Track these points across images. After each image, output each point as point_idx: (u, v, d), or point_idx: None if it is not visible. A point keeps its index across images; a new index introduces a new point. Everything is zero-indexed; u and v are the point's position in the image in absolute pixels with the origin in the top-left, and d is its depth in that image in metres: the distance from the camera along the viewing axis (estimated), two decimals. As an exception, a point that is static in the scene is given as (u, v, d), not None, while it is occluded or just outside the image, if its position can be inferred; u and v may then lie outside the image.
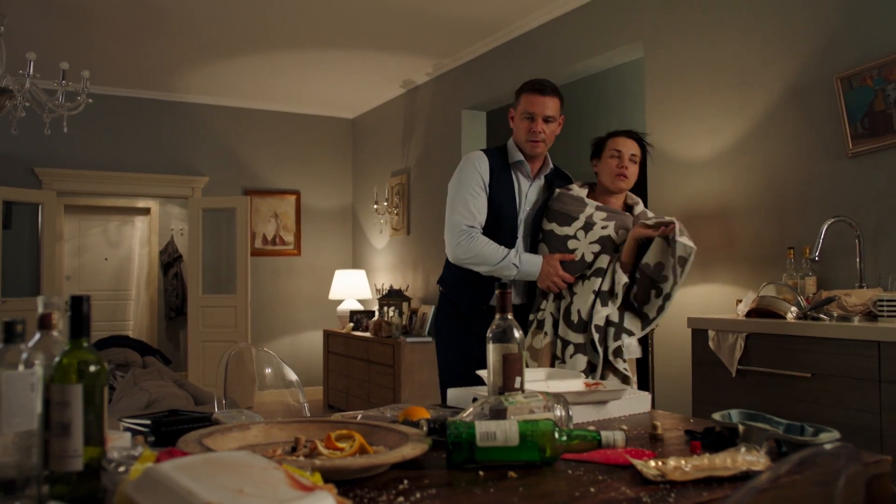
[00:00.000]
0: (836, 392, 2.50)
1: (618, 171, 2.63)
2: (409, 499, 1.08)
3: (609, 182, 2.66)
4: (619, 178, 2.63)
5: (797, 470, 0.94)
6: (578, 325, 2.56)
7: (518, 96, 2.72)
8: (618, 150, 2.64)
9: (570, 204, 2.62)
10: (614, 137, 2.69)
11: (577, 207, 2.61)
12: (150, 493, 0.88)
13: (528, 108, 2.65)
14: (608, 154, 2.66)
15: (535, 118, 2.64)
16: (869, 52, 2.99)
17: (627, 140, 2.67)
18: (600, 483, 1.17)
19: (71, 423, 1.05)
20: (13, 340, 1.07)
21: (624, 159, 2.63)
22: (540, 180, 2.79)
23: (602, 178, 2.70)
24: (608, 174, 2.66)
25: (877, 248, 2.97)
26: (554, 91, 2.69)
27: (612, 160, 2.64)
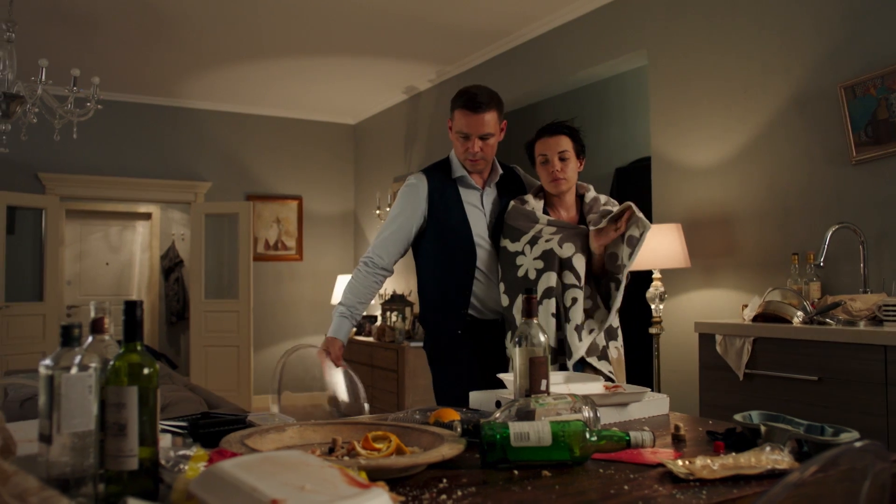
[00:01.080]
0: (842, 395, 2.55)
1: (551, 176, 2.42)
2: (452, 496, 1.12)
3: (548, 188, 2.47)
4: (556, 183, 2.42)
5: (828, 467, 0.98)
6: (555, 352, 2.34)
7: (452, 110, 2.48)
8: (544, 153, 2.42)
9: (520, 219, 2.44)
10: (539, 140, 2.46)
11: (527, 223, 2.42)
12: (215, 491, 0.92)
13: (463, 129, 2.43)
14: (538, 159, 2.45)
15: (471, 137, 2.43)
16: (872, 62, 3.05)
17: (552, 139, 2.42)
18: (632, 481, 1.21)
19: (127, 424, 1.08)
20: (70, 344, 1.11)
21: (553, 161, 2.40)
22: (491, 188, 2.59)
23: (542, 184, 2.50)
24: (544, 181, 2.46)
25: (880, 253, 3.03)
26: (489, 104, 2.42)
27: (543, 167, 2.43)
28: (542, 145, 2.43)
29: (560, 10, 4.75)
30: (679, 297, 3.90)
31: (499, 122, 2.47)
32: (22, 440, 1.20)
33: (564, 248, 2.35)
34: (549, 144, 2.41)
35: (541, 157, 2.43)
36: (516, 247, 2.41)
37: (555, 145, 2.41)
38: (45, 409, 1.07)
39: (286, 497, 0.87)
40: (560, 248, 2.35)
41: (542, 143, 2.43)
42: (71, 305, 8.03)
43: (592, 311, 2.38)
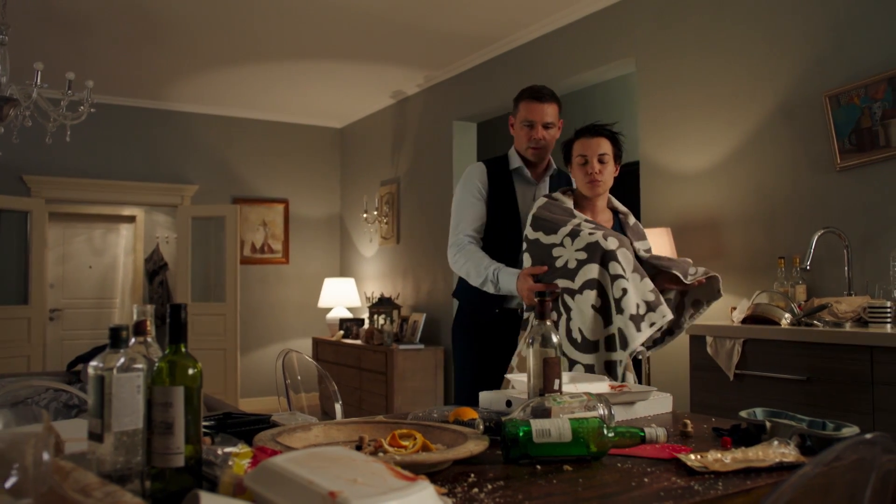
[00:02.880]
0: (830, 394, 2.65)
1: (588, 178, 2.43)
2: (483, 490, 1.18)
3: (584, 189, 2.48)
4: (593, 185, 2.45)
5: (839, 458, 1.06)
6: (584, 346, 2.29)
7: (516, 104, 2.73)
8: (583, 154, 2.43)
9: (557, 213, 2.45)
10: (579, 140, 2.48)
11: (564, 217, 2.43)
12: (270, 484, 0.97)
13: (528, 116, 2.67)
14: (576, 160, 2.46)
15: (535, 125, 2.66)
16: (856, 72, 3.16)
17: (592, 140, 2.45)
18: (650, 474, 1.28)
19: (174, 423, 1.13)
20: (118, 346, 1.15)
21: (592, 163, 2.42)
22: (545, 182, 2.80)
23: (577, 184, 2.52)
24: (580, 181, 2.48)
25: (864, 257, 3.13)
26: (552, 97, 2.69)
27: (581, 167, 2.44)
28: (581, 146, 2.45)
29: (549, 17, 4.83)
30: (668, 299, 3.99)
31: (558, 117, 2.71)
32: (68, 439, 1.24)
33: (609, 241, 2.30)
34: (589, 145, 2.43)
35: (580, 157, 2.44)
36: (552, 239, 2.38)
37: (596, 147, 2.43)
38: (95, 409, 1.12)
39: (342, 489, 0.92)
40: (605, 240, 2.29)
41: (582, 144, 2.45)
42: (54, 309, 7.97)
43: (654, 305, 2.28)
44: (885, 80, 3.03)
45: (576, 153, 2.46)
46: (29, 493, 0.92)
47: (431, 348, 5.90)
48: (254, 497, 0.98)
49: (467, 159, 5.99)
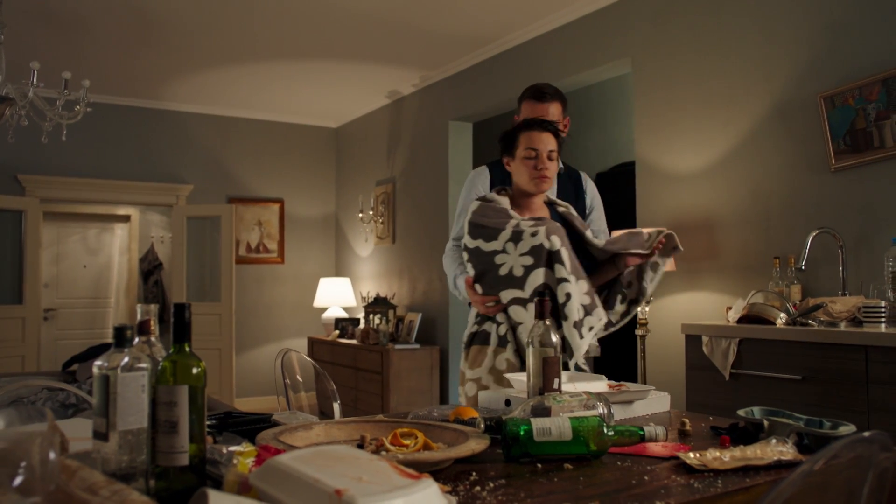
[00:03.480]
0: (825, 393, 2.67)
1: (538, 174, 2.29)
2: (485, 488, 1.19)
3: (529, 186, 2.33)
4: (542, 181, 2.31)
5: (838, 456, 1.07)
6: None
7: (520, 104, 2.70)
8: (533, 148, 2.29)
9: (493, 216, 2.31)
10: (528, 132, 2.32)
11: (501, 220, 2.29)
12: (276, 483, 0.98)
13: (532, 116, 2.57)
14: (523, 153, 2.30)
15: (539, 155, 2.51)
16: (851, 73, 3.18)
17: (543, 135, 2.31)
18: (650, 472, 1.29)
19: (178, 422, 1.13)
20: (123, 345, 1.16)
21: (542, 159, 2.29)
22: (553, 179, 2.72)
23: (519, 180, 2.35)
24: (525, 177, 2.32)
25: (858, 257, 3.16)
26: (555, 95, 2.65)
27: (529, 161, 2.29)
28: (531, 139, 2.30)
29: (545, 18, 4.84)
30: (664, 299, 4.01)
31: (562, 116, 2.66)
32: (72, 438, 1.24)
33: (553, 239, 2.20)
34: (540, 139, 2.29)
35: (529, 150, 2.29)
36: (493, 245, 2.26)
37: (547, 142, 2.29)
38: (100, 408, 1.12)
39: (347, 487, 0.93)
40: (549, 240, 2.19)
41: (533, 137, 2.30)
42: (48, 308, 7.95)
43: (591, 308, 2.24)
44: (879, 81, 3.05)
45: (523, 146, 2.30)
46: (36, 492, 0.92)
47: (427, 348, 5.91)
48: (259, 495, 0.99)
49: (463, 160, 6.01)
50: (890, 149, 3.03)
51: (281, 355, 3.30)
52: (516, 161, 2.33)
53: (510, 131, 2.36)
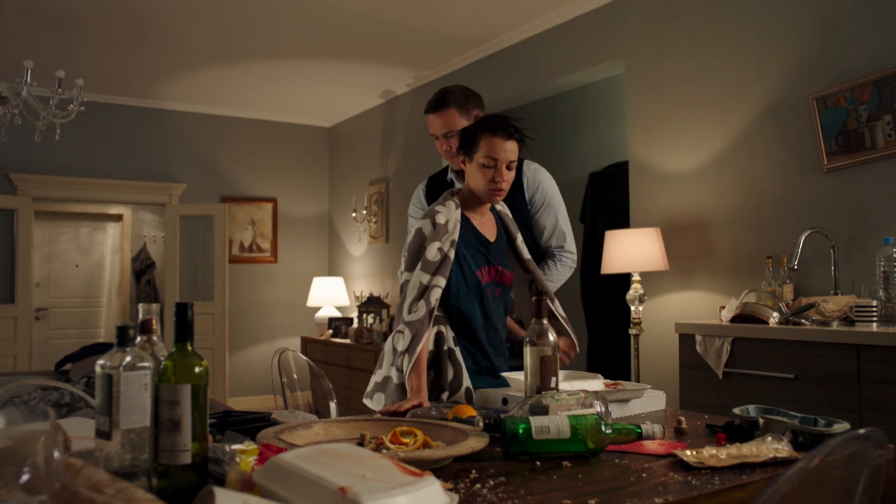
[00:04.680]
0: (817, 392, 2.69)
1: (493, 185, 2.10)
2: (485, 485, 1.20)
3: (484, 195, 2.14)
4: (497, 194, 2.13)
5: (833, 453, 1.08)
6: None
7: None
8: (493, 157, 2.07)
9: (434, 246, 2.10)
10: (491, 137, 2.08)
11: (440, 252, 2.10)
12: (280, 480, 0.99)
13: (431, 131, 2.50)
14: (482, 159, 2.09)
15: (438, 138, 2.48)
16: (843, 74, 3.21)
17: (507, 143, 2.08)
18: (648, 470, 1.30)
19: (181, 420, 1.14)
20: (125, 344, 1.16)
21: (501, 170, 2.09)
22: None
23: (473, 183, 2.15)
24: (482, 185, 2.12)
25: (850, 257, 3.18)
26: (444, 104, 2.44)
27: (487, 170, 2.09)
28: (493, 146, 2.08)
29: (538, 18, 4.86)
30: (657, 298, 4.03)
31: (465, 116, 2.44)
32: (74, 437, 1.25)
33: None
34: (502, 148, 2.08)
35: (488, 159, 2.08)
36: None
37: (509, 151, 2.09)
38: (103, 407, 1.13)
39: (351, 485, 0.94)
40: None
41: (494, 145, 2.08)
42: (40, 308, 7.91)
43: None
44: (870, 82, 3.08)
45: (483, 151, 2.09)
46: (42, 490, 0.93)
47: (421, 347, 5.90)
48: (264, 493, 1.00)
49: (457, 159, 6.01)
50: (881, 149, 3.06)
51: (277, 354, 3.30)
52: (473, 164, 2.12)
53: (471, 130, 2.15)
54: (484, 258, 2.18)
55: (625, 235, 3.77)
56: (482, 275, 2.16)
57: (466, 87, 2.53)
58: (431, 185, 2.71)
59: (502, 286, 2.21)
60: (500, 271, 2.21)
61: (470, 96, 2.48)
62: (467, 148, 2.14)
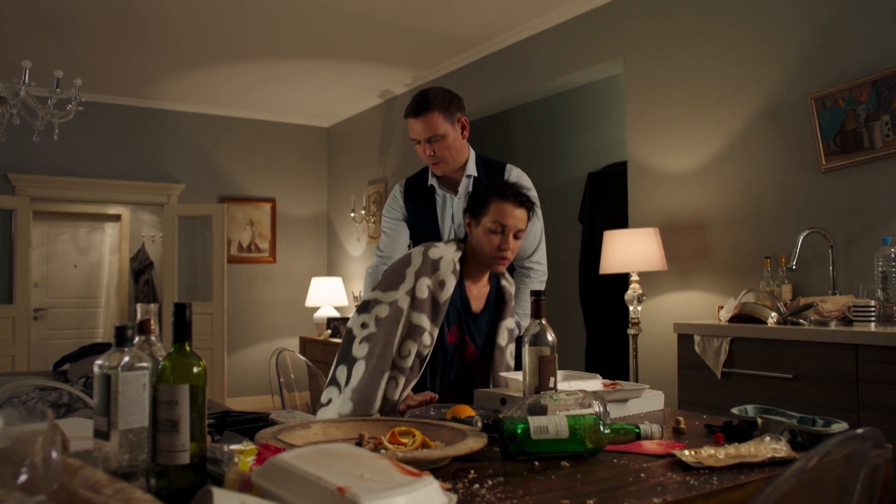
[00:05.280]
0: (816, 392, 2.69)
1: (499, 253, 2.03)
2: (484, 485, 1.20)
3: (489, 262, 2.07)
4: (502, 262, 2.06)
5: (831, 453, 1.09)
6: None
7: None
8: (502, 223, 2.01)
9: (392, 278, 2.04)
10: (501, 203, 2.02)
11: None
12: (278, 481, 0.99)
13: (411, 135, 2.43)
14: (490, 225, 2.02)
15: (421, 142, 2.40)
16: (841, 74, 3.21)
17: (518, 210, 2.03)
18: (646, 470, 1.31)
19: (179, 421, 1.14)
20: (123, 344, 1.16)
21: (509, 239, 2.03)
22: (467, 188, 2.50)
23: (478, 246, 2.06)
24: (487, 250, 2.04)
25: (848, 257, 3.19)
26: (427, 108, 2.36)
27: (495, 236, 2.02)
28: (503, 212, 2.01)
29: (537, 18, 4.86)
30: (656, 298, 4.03)
31: (448, 121, 2.38)
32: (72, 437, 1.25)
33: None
34: (512, 214, 2.01)
35: (496, 224, 2.01)
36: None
37: (519, 219, 2.03)
38: (101, 407, 1.13)
39: (350, 485, 0.94)
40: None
41: (503, 210, 2.01)
42: (38, 308, 7.90)
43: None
44: (868, 82, 3.08)
45: (492, 217, 2.02)
46: (40, 490, 0.93)
47: (419, 347, 5.90)
48: (262, 493, 1.00)
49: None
50: (880, 150, 3.06)
51: (275, 354, 3.31)
52: (479, 228, 2.05)
53: (481, 193, 2.10)
54: (458, 320, 2.09)
55: (623, 235, 3.78)
56: (449, 333, 2.08)
57: (448, 89, 2.48)
58: (410, 188, 2.61)
59: (462, 358, 2.13)
60: (465, 342, 2.12)
61: (453, 99, 2.43)
62: (475, 210, 2.07)
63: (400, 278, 2.01)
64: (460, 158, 2.48)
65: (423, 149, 2.42)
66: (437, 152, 2.40)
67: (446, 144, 2.40)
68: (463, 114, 2.47)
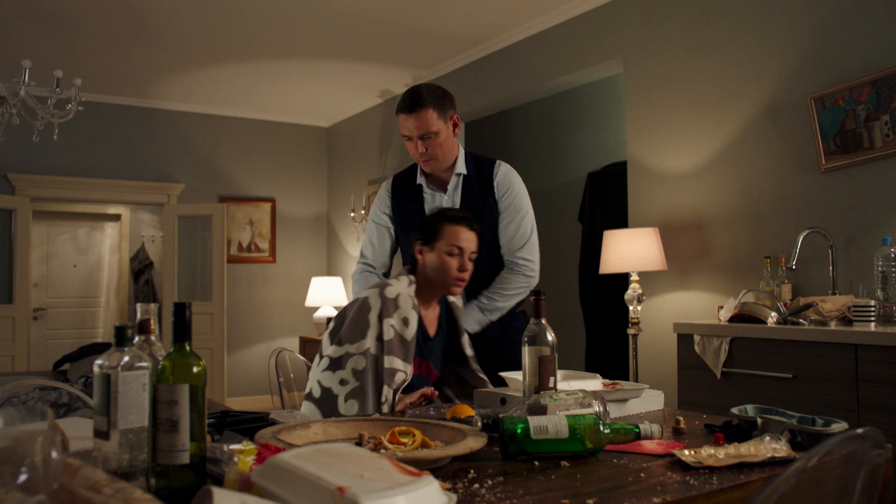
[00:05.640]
0: (815, 392, 2.69)
1: (458, 275, 2.11)
2: (484, 485, 1.20)
3: (445, 284, 2.13)
4: (459, 284, 2.13)
5: (831, 453, 1.09)
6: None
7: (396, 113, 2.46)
8: (459, 246, 2.10)
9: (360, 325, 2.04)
10: (454, 226, 2.12)
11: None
12: (278, 480, 0.99)
13: (403, 132, 2.40)
14: (446, 248, 2.10)
15: (413, 139, 2.39)
16: (841, 74, 3.21)
17: (469, 233, 2.13)
18: (646, 470, 1.31)
19: (179, 420, 1.14)
20: (123, 344, 1.16)
21: (465, 259, 2.11)
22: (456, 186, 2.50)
23: (434, 272, 2.11)
24: (444, 274, 2.10)
25: (847, 257, 3.19)
26: (421, 104, 2.33)
27: (453, 259, 2.10)
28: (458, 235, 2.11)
29: (537, 18, 4.86)
30: (656, 298, 4.03)
31: (442, 118, 2.37)
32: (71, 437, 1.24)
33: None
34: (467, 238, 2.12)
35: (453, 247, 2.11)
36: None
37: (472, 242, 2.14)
38: (101, 407, 1.13)
39: (350, 484, 0.94)
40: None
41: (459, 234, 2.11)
42: (38, 308, 7.90)
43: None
44: (868, 82, 3.08)
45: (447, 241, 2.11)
46: (40, 490, 0.93)
47: (419, 347, 5.90)
48: (262, 493, 1.00)
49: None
50: (879, 149, 3.06)
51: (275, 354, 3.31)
52: (434, 253, 2.11)
53: (432, 221, 2.15)
54: (420, 351, 2.13)
55: (623, 235, 3.78)
56: (414, 366, 2.10)
57: (439, 85, 2.46)
58: (398, 185, 2.60)
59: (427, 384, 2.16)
60: (429, 368, 2.17)
61: (446, 96, 2.42)
62: (427, 237, 2.12)
63: (365, 325, 2.02)
64: (451, 156, 2.47)
65: (414, 146, 2.40)
66: (429, 150, 2.39)
67: (439, 142, 2.39)
68: (455, 111, 2.46)
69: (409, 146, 2.44)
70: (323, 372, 2.01)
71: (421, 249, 2.14)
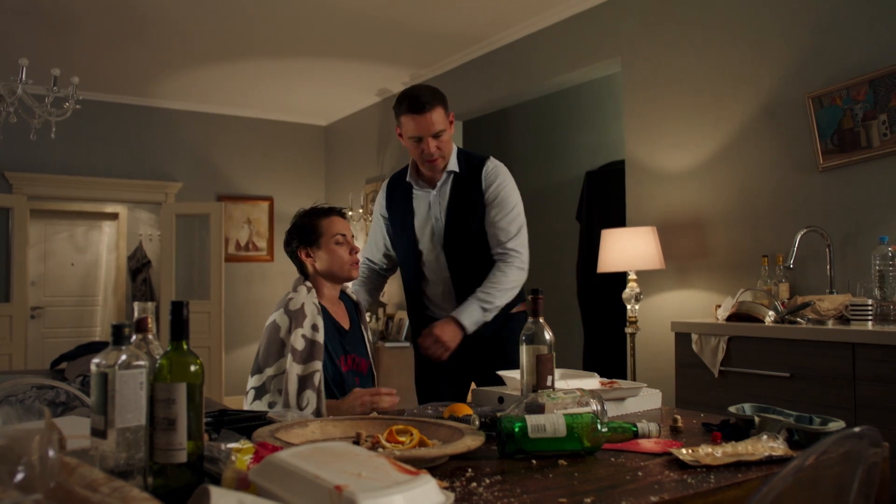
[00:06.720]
0: (813, 390, 2.70)
1: (352, 258, 2.22)
2: (481, 484, 1.20)
3: (344, 272, 2.22)
4: (356, 266, 2.24)
5: (828, 451, 1.09)
6: None
7: (397, 116, 2.45)
8: (342, 233, 2.22)
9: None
10: (329, 218, 2.24)
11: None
12: (276, 479, 0.99)
13: (413, 133, 2.40)
14: (331, 240, 2.20)
15: (424, 139, 2.40)
16: (838, 73, 3.21)
17: (343, 222, 2.27)
18: (643, 468, 1.31)
19: (176, 419, 1.14)
20: (121, 342, 1.16)
21: (352, 243, 2.25)
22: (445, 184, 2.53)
23: (328, 266, 2.20)
24: (340, 263, 2.20)
25: (845, 256, 3.19)
26: (433, 102, 2.38)
27: (341, 247, 2.21)
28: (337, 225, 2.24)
29: (535, 17, 4.85)
30: (654, 297, 4.04)
31: (446, 116, 2.42)
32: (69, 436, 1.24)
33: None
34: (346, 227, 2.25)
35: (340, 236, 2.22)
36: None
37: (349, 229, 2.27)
38: (98, 406, 1.12)
39: (347, 483, 0.94)
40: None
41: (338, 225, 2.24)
42: (35, 306, 7.89)
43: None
44: (866, 81, 3.09)
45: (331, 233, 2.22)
46: (37, 489, 0.93)
47: (417, 346, 5.90)
48: (259, 492, 1.00)
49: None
50: (877, 149, 3.06)
51: None
52: (324, 249, 2.20)
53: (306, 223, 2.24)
54: (341, 347, 2.19)
55: (621, 234, 3.78)
56: (342, 364, 2.17)
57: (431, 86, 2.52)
58: (392, 186, 2.66)
59: (360, 375, 2.22)
60: (356, 360, 2.22)
61: (444, 94, 2.46)
62: (309, 238, 2.20)
63: (279, 346, 2.08)
64: (450, 154, 2.53)
65: (426, 146, 2.41)
66: (441, 148, 2.43)
67: (446, 140, 2.45)
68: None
69: (413, 147, 2.45)
70: (252, 403, 2.08)
71: (308, 252, 2.21)
